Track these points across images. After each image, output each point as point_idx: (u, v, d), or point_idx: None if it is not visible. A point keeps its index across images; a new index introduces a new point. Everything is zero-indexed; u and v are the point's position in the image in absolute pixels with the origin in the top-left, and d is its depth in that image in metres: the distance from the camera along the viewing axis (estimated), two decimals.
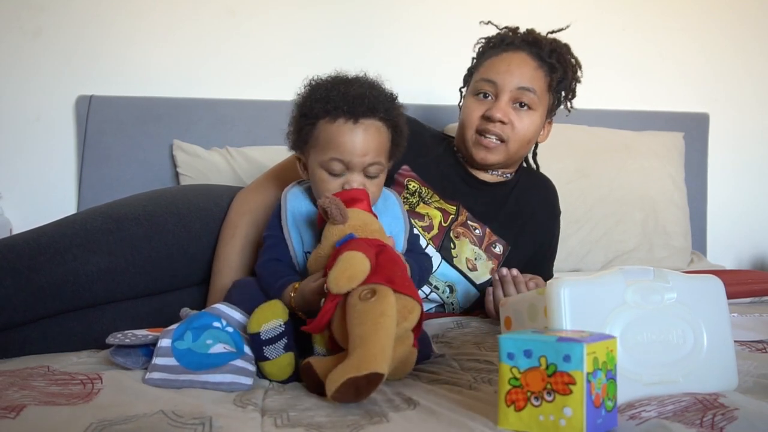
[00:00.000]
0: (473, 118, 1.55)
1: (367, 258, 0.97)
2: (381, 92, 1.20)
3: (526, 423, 0.78)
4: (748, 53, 2.64)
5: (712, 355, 0.93)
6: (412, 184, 1.54)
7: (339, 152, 1.15)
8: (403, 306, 0.96)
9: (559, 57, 1.57)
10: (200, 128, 2.21)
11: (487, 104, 1.54)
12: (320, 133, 1.17)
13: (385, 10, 2.41)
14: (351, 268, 0.95)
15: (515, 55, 1.56)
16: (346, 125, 1.16)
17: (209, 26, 2.31)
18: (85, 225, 1.29)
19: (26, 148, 2.23)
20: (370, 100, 1.17)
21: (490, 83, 1.54)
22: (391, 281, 0.97)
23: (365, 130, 1.16)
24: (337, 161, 1.16)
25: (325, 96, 1.17)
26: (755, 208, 2.65)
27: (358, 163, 1.16)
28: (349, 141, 1.15)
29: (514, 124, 1.52)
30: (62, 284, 1.21)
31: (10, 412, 0.81)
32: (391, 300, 0.94)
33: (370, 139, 1.16)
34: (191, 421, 0.80)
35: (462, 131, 1.58)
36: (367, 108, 1.16)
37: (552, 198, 1.70)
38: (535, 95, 1.53)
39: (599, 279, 0.92)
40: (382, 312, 0.91)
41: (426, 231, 1.50)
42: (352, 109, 1.15)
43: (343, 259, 0.96)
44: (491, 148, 1.53)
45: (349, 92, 1.16)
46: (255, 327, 0.99)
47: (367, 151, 1.16)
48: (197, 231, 1.37)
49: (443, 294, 1.51)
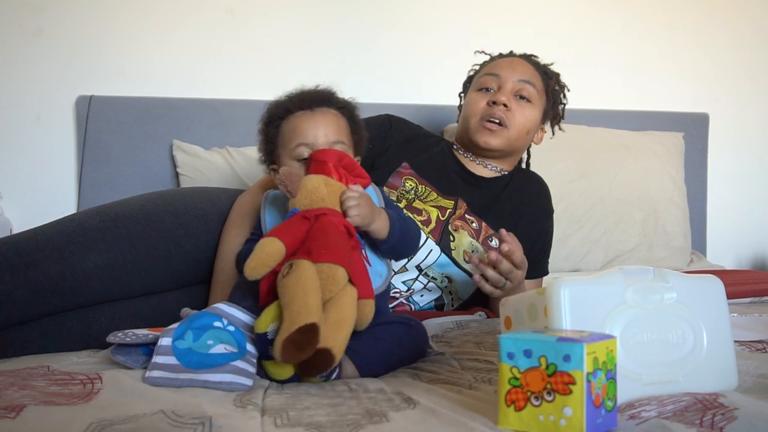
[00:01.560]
0: (477, 107, 1.64)
1: (277, 240, 1.03)
2: (334, 92, 1.33)
3: (526, 423, 0.78)
4: (748, 53, 2.65)
5: (712, 355, 0.93)
6: (409, 182, 1.58)
7: (302, 137, 1.25)
8: (324, 273, 1.01)
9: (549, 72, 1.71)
10: (200, 128, 2.21)
11: (490, 95, 1.63)
12: (284, 131, 1.29)
13: (385, 11, 2.41)
14: (258, 256, 1.02)
15: (515, 58, 1.70)
16: (304, 114, 1.28)
17: (209, 26, 2.32)
18: (83, 223, 1.30)
19: (26, 148, 2.23)
20: (323, 94, 1.31)
21: (493, 77, 1.65)
22: (308, 253, 1.03)
23: (322, 115, 1.28)
24: (302, 145, 1.25)
25: (283, 102, 1.31)
26: (755, 208, 2.66)
27: (322, 143, 1.24)
28: (310, 125, 1.26)
29: (515, 111, 1.61)
30: (60, 280, 1.22)
31: (9, 412, 0.81)
32: (307, 270, 0.99)
33: (328, 122, 1.27)
34: (191, 421, 0.80)
35: (465, 122, 1.66)
36: (320, 99, 1.30)
37: (544, 195, 1.73)
38: (534, 89, 1.64)
39: (599, 279, 0.92)
40: (297, 279, 0.98)
41: (424, 225, 1.53)
42: (307, 102, 1.29)
43: (256, 247, 1.03)
44: (494, 131, 1.61)
45: (302, 93, 1.31)
46: (262, 327, 1.00)
47: (327, 131, 1.26)
48: (195, 230, 1.38)
49: (441, 284, 1.54)
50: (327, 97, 1.31)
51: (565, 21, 2.34)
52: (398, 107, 1.97)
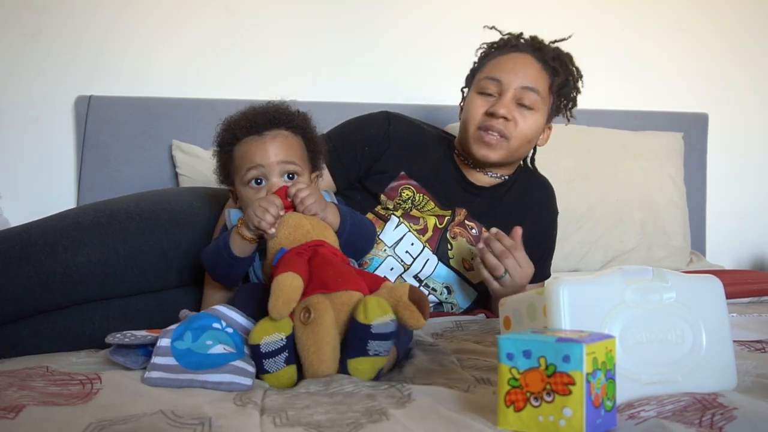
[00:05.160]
0: (476, 114, 1.54)
1: (296, 274, 1.01)
2: (284, 110, 1.30)
3: (525, 423, 0.78)
4: (747, 54, 2.64)
5: (712, 355, 0.93)
6: (405, 192, 1.53)
7: (252, 161, 1.24)
8: (342, 301, 1.03)
9: (561, 63, 1.58)
10: (199, 128, 2.21)
11: (490, 102, 1.53)
12: (235, 157, 1.27)
13: (384, 10, 2.41)
14: (284, 293, 0.99)
15: (519, 56, 1.56)
16: (253, 139, 1.25)
17: (208, 26, 2.32)
18: (77, 219, 1.30)
19: (26, 148, 2.23)
20: (271, 114, 1.27)
21: (494, 81, 1.53)
22: (325, 286, 1.05)
23: (272, 138, 1.25)
24: (253, 169, 1.24)
25: (231, 128, 1.28)
26: (754, 208, 2.66)
27: (272, 165, 1.23)
28: (258, 149, 1.24)
29: (517, 121, 1.52)
30: (52, 275, 1.21)
31: (9, 412, 0.81)
32: (327, 318, 1.00)
33: (277, 144, 1.25)
34: (191, 421, 0.80)
35: (464, 128, 1.57)
36: (268, 121, 1.26)
37: (550, 198, 1.69)
38: (538, 96, 1.53)
39: (598, 279, 0.92)
40: (316, 337, 0.99)
41: (421, 234, 1.50)
42: (255, 126, 1.26)
43: (275, 285, 1.00)
44: (493, 145, 1.52)
45: (249, 115, 1.28)
46: (256, 339, 0.99)
47: (277, 152, 1.24)
48: (190, 228, 1.37)
49: (441, 295, 1.51)
50: (274, 117, 1.28)
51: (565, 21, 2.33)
52: (398, 107, 1.96)
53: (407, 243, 1.48)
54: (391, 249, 1.47)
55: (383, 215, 1.51)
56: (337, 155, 1.53)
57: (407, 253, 1.48)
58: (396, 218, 1.49)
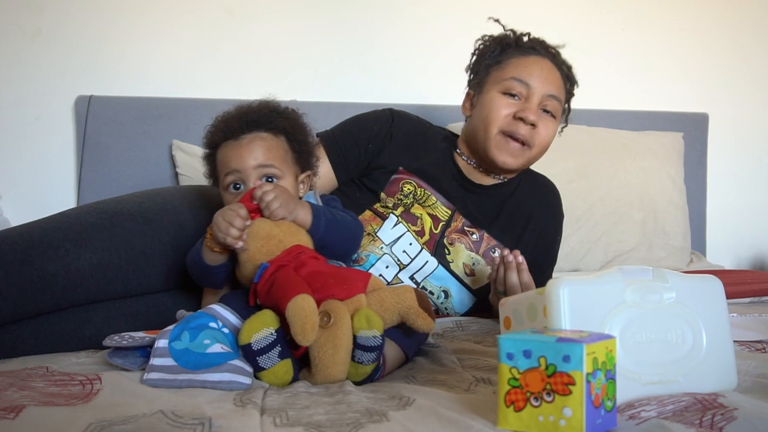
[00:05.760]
0: (501, 115, 1.50)
1: (308, 296, 0.99)
2: (265, 111, 1.30)
3: (525, 423, 0.78)
4: (747, 53, 2.64)
5: (712, 355, 0.93)
6: (407, 186, 1.53)
7: (228, 167, 1.25)
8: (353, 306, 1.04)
9: (570, 71, 1.59)
10: (200, 128, 2.16)
11: (516, 105, 1.51)
12: (217, 162, 1.29)
13: (384, 10, 2.41)
14: (308, 319, 0.97)
15: (543, 62, 1.54)
16: (230, 144, 1.27)
17: (208, 26, 2.32)
18: (79, 220, 1.28)
19: (26, 148, 2.23)
20: (249, 117, 1.28)
21: (523, 84, 1.50)
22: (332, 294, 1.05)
23: (249, 142, 1.25)
24: (230, 174, 1.25)
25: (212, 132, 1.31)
26: (754, 208, 2.66)
27: (249, 170, 1.23)
28: (235, 155, 1.25)
29: (540, 128, 1.51)
30: (54, 278, 1.20)
31: (9, 412, 0.80)
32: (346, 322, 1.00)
33: (254, 148, 1.25)
34: (191, 421, 0.80)
35: (483, 127, 1.52)
36: (245, 125, 1.26)
37: (555, 202, 1.67)
38: (559, 103, 1.54)
39: (598, 279, 0.92)
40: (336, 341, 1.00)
41: (419, 236, 1.49)
42: (231, 132, 1.27)
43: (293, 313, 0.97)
44: (516, 155, 1.51)
45: (227, 119, 1.29)
46: (245, 339, 0.99)
47: (254, 157, 1.24)
48: (193, 229, 1.36)
49: (438, 299, 1.50)
50: (252, 120, 1.27)
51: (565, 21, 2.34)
52: (398, 107, 1.96)
53: (405, 243, 1.48)
54: (388, 247, 1.47)
55: (382, 213, 1.51)
56: (340, 151, 1.53)
57: (404, 253, 1.48)
58: (395, 217, 1.49)
